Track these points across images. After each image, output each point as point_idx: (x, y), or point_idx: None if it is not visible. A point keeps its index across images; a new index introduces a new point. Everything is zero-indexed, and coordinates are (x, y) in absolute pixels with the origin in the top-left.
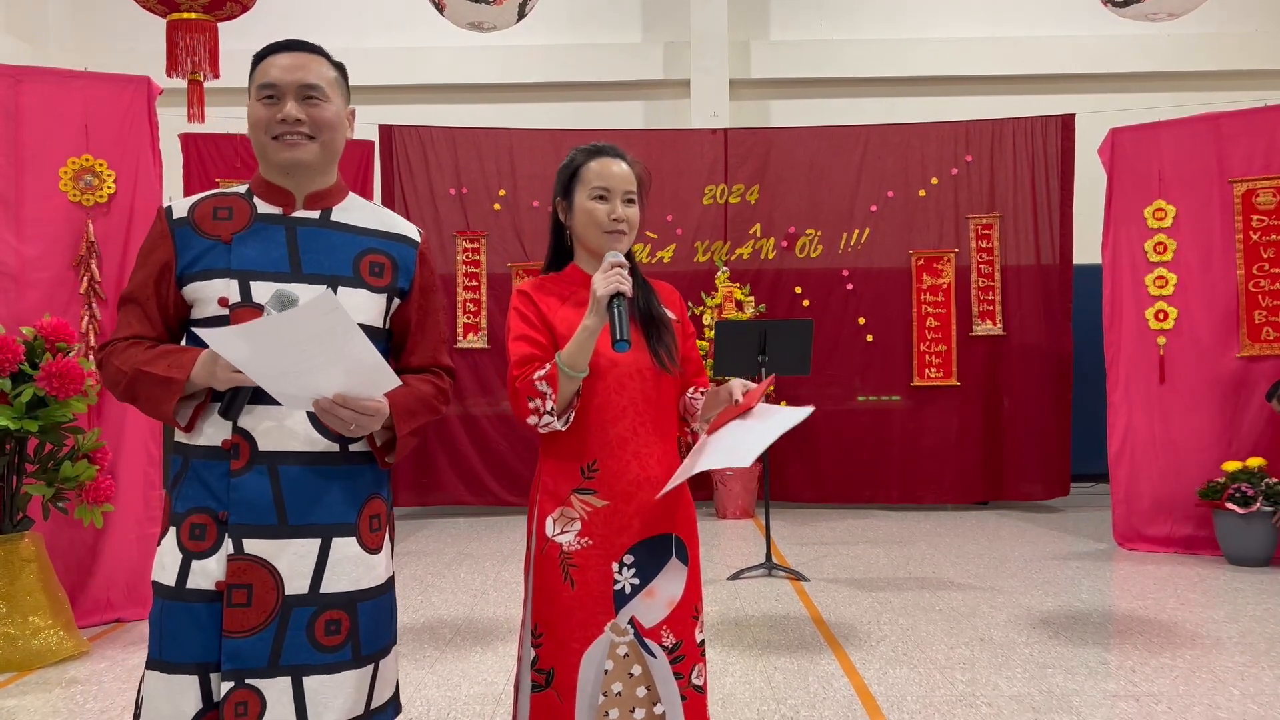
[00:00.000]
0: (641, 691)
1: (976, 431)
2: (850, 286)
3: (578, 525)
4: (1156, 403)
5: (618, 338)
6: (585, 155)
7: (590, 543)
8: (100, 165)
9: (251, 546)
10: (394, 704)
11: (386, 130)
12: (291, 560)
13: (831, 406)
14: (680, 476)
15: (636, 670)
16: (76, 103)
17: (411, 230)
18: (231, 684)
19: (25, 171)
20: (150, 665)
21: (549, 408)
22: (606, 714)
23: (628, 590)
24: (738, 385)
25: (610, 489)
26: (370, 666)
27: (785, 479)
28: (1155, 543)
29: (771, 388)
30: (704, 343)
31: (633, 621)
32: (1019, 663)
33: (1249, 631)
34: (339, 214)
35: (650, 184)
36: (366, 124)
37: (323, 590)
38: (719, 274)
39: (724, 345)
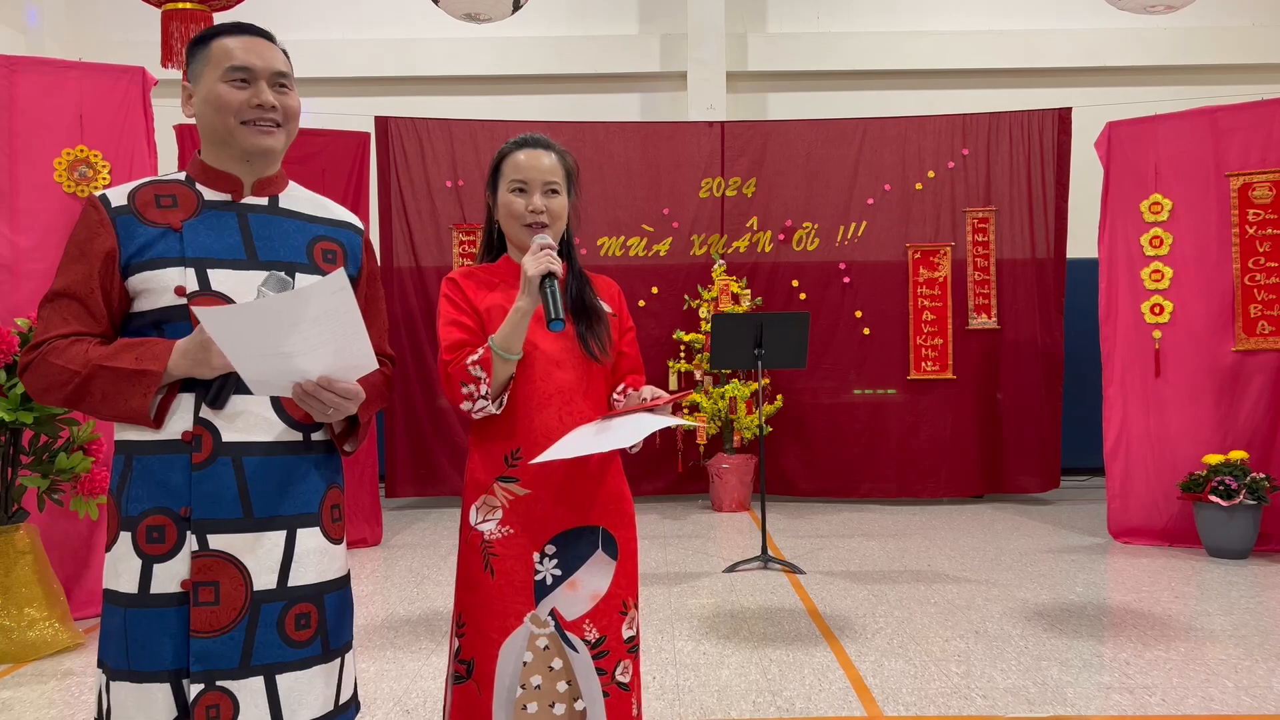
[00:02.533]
0: (562, 686)
1: (972, 425)
2: (847, 280)
3: (499, 514)
4: (1152, 396)
5: (552, 317)
6: (510, 147)
7: (511, 531)
8: (95, 156)
9: (217, 542)
10: (355, 702)
11: (382, 122)
12: (258, 554)
13: (828, 399)
14: (563, 451)
15: (557, 664)
16: (71, 93)
17: (354, 218)
18: (201, 686)
19: (19, 162)
20: (117, 676)
21: (483, 392)
22: (525, 707)
23: (549, 581)
24: (649, 391)
25: (533, 478)
26: (337, 661)
27: (781, 472)
28: (1150, 536)
29: (689, 399)
30: (700, 336)
31: (554, 614)
32: (1014, 655)
33: (1242, 624)
34: (286, 201)
35: (579, 173)
36: (362, 116)
37: (290, 584)
38: (715, 267)
39: (721, 338)
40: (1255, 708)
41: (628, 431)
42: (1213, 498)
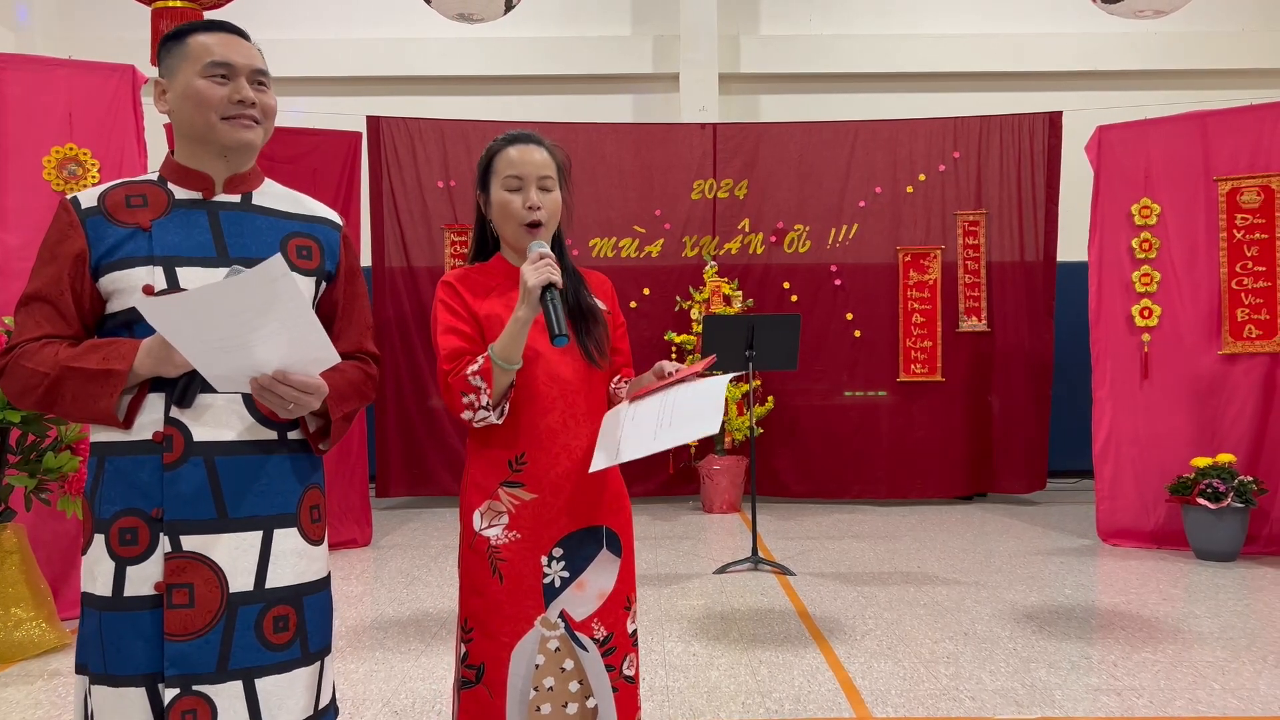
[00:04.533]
0: (574, 686)
1: (960, 427)
2: (838, 282)
3: (505, 519)
4: (1141, 399)
5: (556, 332)
6: (500, 144)
7: (518, 536)
8: (84, 154)
9: (190, 543)
10: (334, 707)
11: (374, 122)
12: (233, 555)
13: (819, 401)
14: (633, 451)
15: (569, 664)
16: (60, 91)
17: (332, 214)
18: (177, 691)
19: (8, 160)
20: (96, 680)
21: (484, 402)
22: (538, 709)
23: (557, 584)
24: (668, 365)
25: (539, 482)
26: (317, 665)
27: (773, 473)
28: (1138, 538)
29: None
30: (692, 337)
31: (563, 615)
32: (1002, 657)
33: (1229, 626)
34: (259, 198)
35: (571, 169)
36: (354, 115)
37: (268, 585)
38: (707, 268)
39: (712, 340)
40: (1242, 709)
41: (693, 412)
42: (1201, 500)
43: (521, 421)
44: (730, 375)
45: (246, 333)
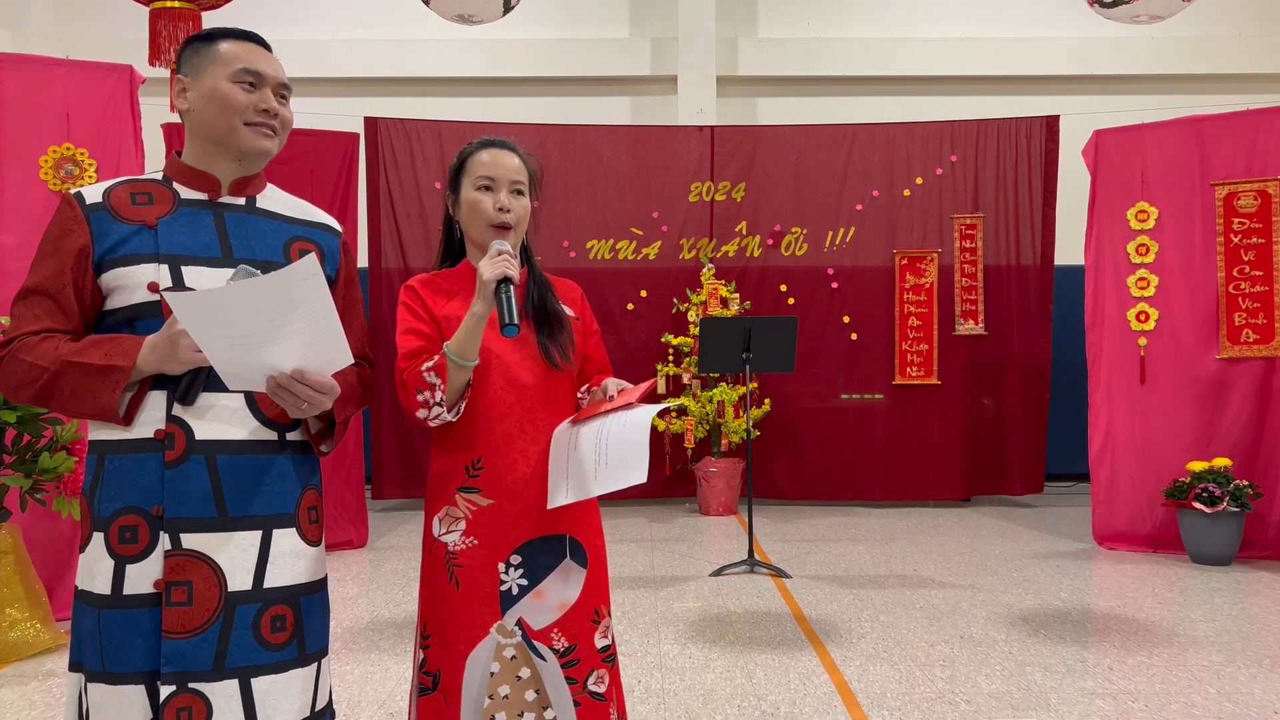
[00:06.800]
0: (530, 695)
1: (958, 430)
2: (835, 285)
3: (463, 524)
4: (1138, 403)
5: (506, 321)
6: (474, 147)
7: (475, 542)
8: (81, 154)
9: (190, 541)
10: (330, 710)
11: (371, 123)
12: (233, 554)
13: (816, 404)
14: (571, 495)
15: (525, 673)
16: (58, 91)
17: (333, 220)
18: (173, 688)
19: (5, 160)
20: (95, 678)
21: (438, 399)
22: (493, 717)
23: (515, 591)
24: (613, 384)
25: (495, 487)
26: (314, 666)
27: (769, 476)
28: (1134, 542)
29: (658, 389)
30: (689, 339)
31: (521, 623)
32: (998, 660)
33: (1225, 630)
34: (263, 202)
35: (543, 178)
36: (351, 116)
37: (266, 585)
38: (704, 271)
39: (709, 342)
40: (1237, 714)
41: (623, 451)
42: (1196, 504)
43: (478, 426)
44: (658, 407)
45: (270, 331)
